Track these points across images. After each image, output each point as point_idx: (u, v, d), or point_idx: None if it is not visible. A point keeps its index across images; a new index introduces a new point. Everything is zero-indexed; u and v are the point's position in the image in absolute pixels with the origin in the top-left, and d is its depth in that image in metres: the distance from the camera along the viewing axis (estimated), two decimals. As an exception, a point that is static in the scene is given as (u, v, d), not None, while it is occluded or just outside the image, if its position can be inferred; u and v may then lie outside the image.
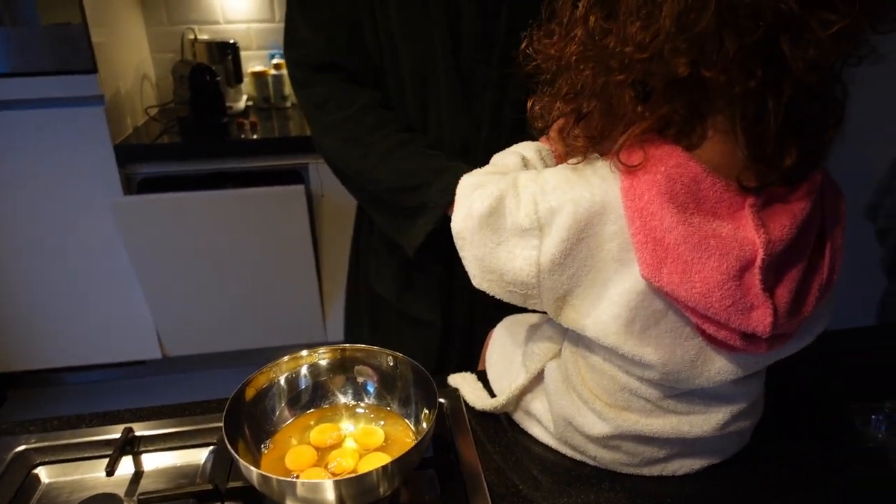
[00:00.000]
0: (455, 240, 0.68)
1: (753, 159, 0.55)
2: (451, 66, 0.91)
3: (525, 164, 0.73)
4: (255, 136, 2.19)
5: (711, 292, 0.56)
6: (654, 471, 0.73)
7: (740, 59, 0.50)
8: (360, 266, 1.16)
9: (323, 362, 0.76)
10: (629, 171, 0.58)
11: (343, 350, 0.77)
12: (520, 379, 0.77)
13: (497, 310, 1.02)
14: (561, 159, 0.77)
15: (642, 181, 0.57)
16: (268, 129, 2.27)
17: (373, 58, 0.94)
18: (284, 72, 2.44)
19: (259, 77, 2.43)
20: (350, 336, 1.26)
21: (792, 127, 0.54)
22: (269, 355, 0.77)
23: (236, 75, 2.36)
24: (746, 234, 0.57)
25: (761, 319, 0.57)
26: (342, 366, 0.76)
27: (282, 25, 1.00)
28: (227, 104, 2.29)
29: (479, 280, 0.67)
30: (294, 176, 2.20)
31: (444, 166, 0.89)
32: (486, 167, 0.73)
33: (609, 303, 0.61)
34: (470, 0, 0.89)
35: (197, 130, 2.19)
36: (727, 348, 0.61)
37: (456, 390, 0.86)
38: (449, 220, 0.87)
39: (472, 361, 1.01)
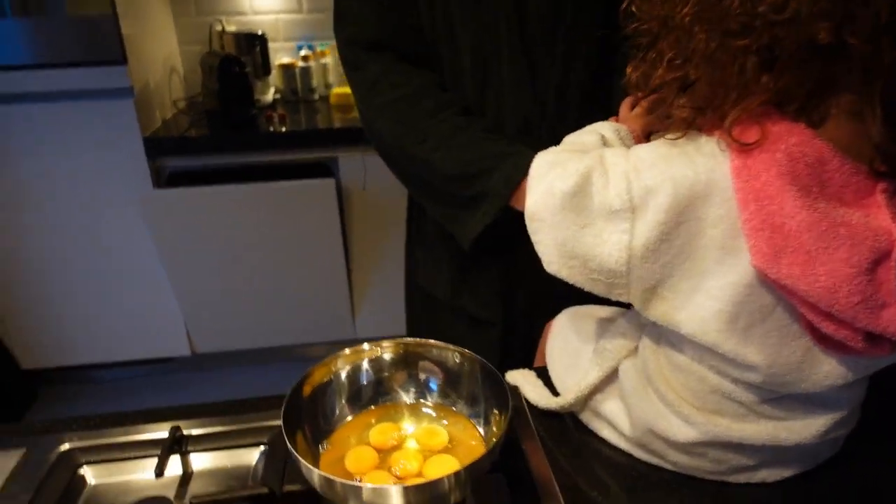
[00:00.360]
0: (529, 222, 0.63)
1: (891, 140, 0.50)
2: (516, 43, 0.86)
3: (605, 143, 0.67)
4: (283, 129, 2.15)
5: (838, 287, 0.50)
6: (741, 478, 0.67)
7: (892, 26, 0.45)
8: (412, 266, 1.12)
9: (385, 357, 0.72)
10: (743, 148, 0.52)
11: (406, 344, 0.72)
12: (590, 377, 0.72)
13: (560, 302, 0.97)
14: (640, 140, 0.72)
15: (759, 160, 0.52)
16: (296, 122, 2.23)
17: (428, 36, 0.90)
18: (312, 63, 2.40)
19: (287, 69, 2.39)
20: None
21: None
22: (298, 353, 0.73)
23: (264, 67, 2.32)
24: (880, 222, 0.51)
25: (894, 319, 0.51)
26: (405, 361, 0.72)
27: (310, 16, 0.97)
28: (256, 97, 2.25)
29: (557, 266, 0.62)
30: (323, 169, 2.16)
31: (506, 152, 0.84)
32: (561, 146, 0.68)
33: (708, 296, 0.56)
34: None
35: (225, 123, 2.15)
36: (841, 350, 0.56)
37: (516, 388, 0.81)
38: (511, 210, 0.84)
39: (533, 359, 0.96)
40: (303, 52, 2.41)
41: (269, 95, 2.38)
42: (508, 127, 0.90)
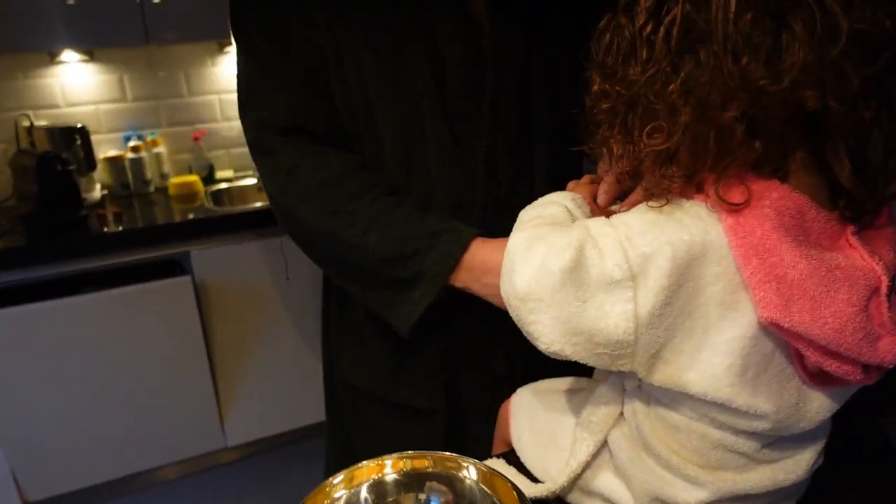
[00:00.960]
0: (521, 303, 0.58)
1: (858, 188, 0.54)
2: (439, 118, 0.83)
3: (569, 214, 0.66)
4: (120, 228, 1.93)
5: (845, 327, 0.51)
6: (745, 529, 0.66)
7: (863, 90, 0.49)
8: (334, 359, 1.01)
9: (387, 478, 0.62)
10: (732, 208, 0.53)
11: (409, 461, 0.63)
12: (580, 454, 0.68)
13: (512, 381, 0.92)
14: (594, 208, 0.71)
15: (750, 217, 0.53)
16: (133, 219, 2.02)
17: (345, 117, 0.84)
18: (144, 154, 2.21)
19: (115, 162, 2.18)
20: (334, 445, 1.08)
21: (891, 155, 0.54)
22: (162, 476, 0.61)
23: (88, 162, 2.09)
24: (861, 262, 0.54)
25: (889, 349, 0.53)
26: (408, 482, 0.62)
27: (135, 105, 0.88)
28: (81, 195, 2.01)
29: (560, 345, 0.58)
30: (174, 267, 1.96)
31: (442, 229, 0.80)
32: (529, 221, 0.65)
33: (715, 352, 0.55)
34: (453, 43, 0.82)
35: (50, 228, 1.88)
36: (829, 384, 0.57)
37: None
38: (449, 289, 0.79)
39: (489, 446, 0.90)
40: (131, 143, 2.21)
41: (96, 192, 2.14)
42: (439, 205, 0.86)
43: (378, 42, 0.81)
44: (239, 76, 0.86)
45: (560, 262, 0.55)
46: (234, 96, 0.89)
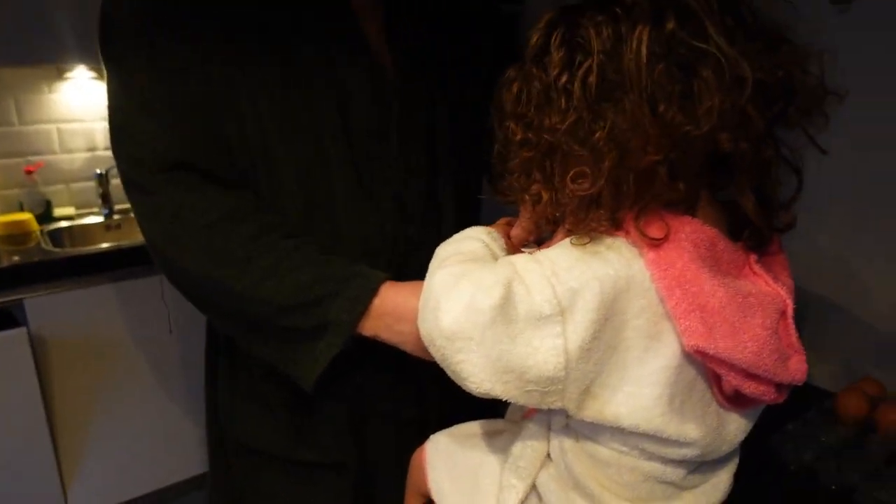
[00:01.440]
0: (448, 343, 0.56)
1: (762, 220, 0.58)
2: (346, 159, 0.78)
3: (488, 251, 0.64)
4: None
5: (762, 349, 0.54)
6: (670, 558, 0.67)
7: (765, 132, 0.54)
8: (223, 420, 0.90)
9: None
10: (653, 243, 0.55)
11: None
12: (509, 502, 0.65)
13: (423, 426, 0.88)
14: (510, 244, 0.70)
15: (669, 251, 0.55)
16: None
17: (237, 152, 0.77)
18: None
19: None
20: None
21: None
22: None
23: None
24: (768, 287, 0.58)
25: (798, 367, 0.57)
26: None
27: None
28: None
29: (490, 384, 0.56)
30: (5, 318, 1.71)
31: (348, 274, 0.74)
32: (448, 257, 0.63)
33: (643, 384, 0.55)
34: (357, 84, 0.78)
35: None
36: (742, 405, 0.60)
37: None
38: (355, 338, 0.74)
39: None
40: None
41: None
42: (346, 247, 0.80)
43: (278, 82, 0.75)
44: (111, 108, 0.76)
45: (489, 300, 0.54)
46: (76, 125, 0.79)
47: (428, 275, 0.62)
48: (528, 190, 0.60)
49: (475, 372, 0.56)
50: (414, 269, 0.83)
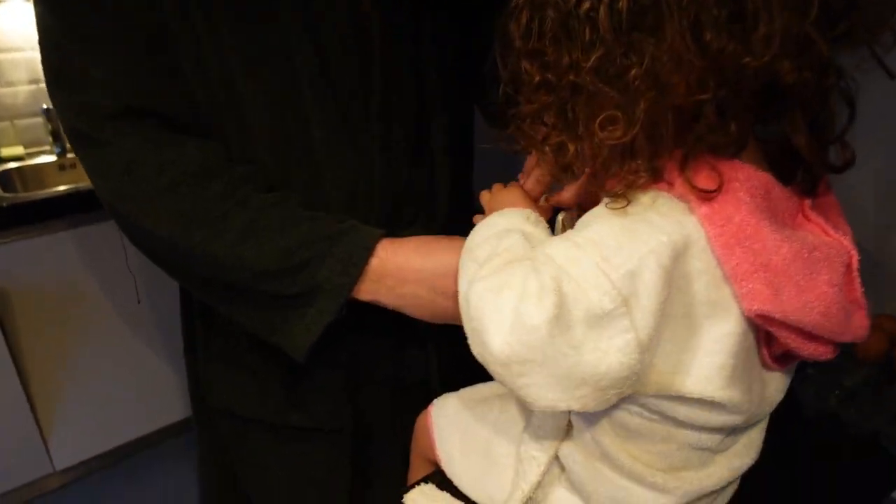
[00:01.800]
0: (506, 368, 0.48)
1: (817, 158, 0.50)
2: (324, 97, 0.67)
3: (529, 243, 0.56)
4: None
5: (829, 310, 0.48)
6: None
7: (827, 59, 0.46)
8: (205, 387, 0.83)
9: None
10: (704, 195, 0.47)
11: None
12: (530, 475, 0.60)
13: (427, 388, 0.82)
14: (547, 212, 0.63)
15: (723, 203, 0.47)
16: None
17: (200, 99, 0.66)
18: None
19: None
20: (213, 486, 0.90)
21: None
22: None
23: None
24: (829, 237, 0.51)
25: (861, 324, 0.51)
26: None
27: None
28: None
29: (564, 404, 0.49)
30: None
31: (338, 230, 0.65)
32: (486, 260, 0.54)
33: (706, 352, 0.49)
34: (332, 10, 0.66)
35: None
36: (782, 364, 0.55)
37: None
38: (351, 302, 0.66)
39: (403, 471, 0.79)
40: None
41: None
42: (330, 198, 0.71)
43: (242, 10, 0.63)
44: (45, 44, 0.64)
45: (540, 314, 0.46)
46: (16, 55, 0.66)
47: (465, 280, 0.54)
48: (548, 140, 0.51)
49: (543, 394, 0.49)
50: (406, 220, 0.75)
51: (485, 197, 0.67)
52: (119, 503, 1.97)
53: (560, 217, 0.67)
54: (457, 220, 0.75)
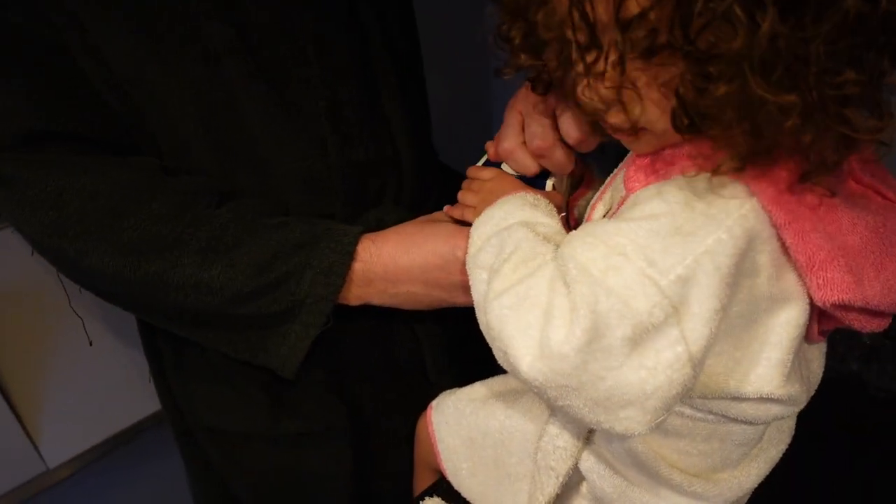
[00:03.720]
0: (541, 390, 0.43)
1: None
2: (253, 77, 0.58)
3: (538, 234, 0.49)
4: None
5: None
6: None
7: None
8: (182, 405, 0.76)
9: None
10: (759, 174, 0.40)
11: None
12: (547, 488, 0.54)
13: (423, 377, 0.76)
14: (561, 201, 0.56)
15: (788, 181, 0.40)
16: None
17: (111, 99, 0.56)
18: None
19: None
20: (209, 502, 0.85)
21: None
22: None
23: None
24: (885, 200, 0.44)
25: None
26: None
27: None
28: None
29: (608, 424, 0.43)
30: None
31: (311, 237, 0.58)
32: (503, 268, 0.47)
33: (765, 349, 0.45)
34: None
35: None
36: (825, 334, 0.50)
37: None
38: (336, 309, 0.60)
39: (410, 468, 0.74)
40: None
41: None
42: (283, 189, 0.63)
43: None
44: None
45: (571, 340, 0.39)
46: None
47: (477, 293, 0.49)
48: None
49: (585, 414, 0.43)
50: (373, 194, 0.67)
51: (468, 197, 0.60)
52: (120, 492, 1.94)
53: (550, 182, 0.60)
54: (425, 187, 0.69)
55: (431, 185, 0.69)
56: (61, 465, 1.85)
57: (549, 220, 0.51)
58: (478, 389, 0.64)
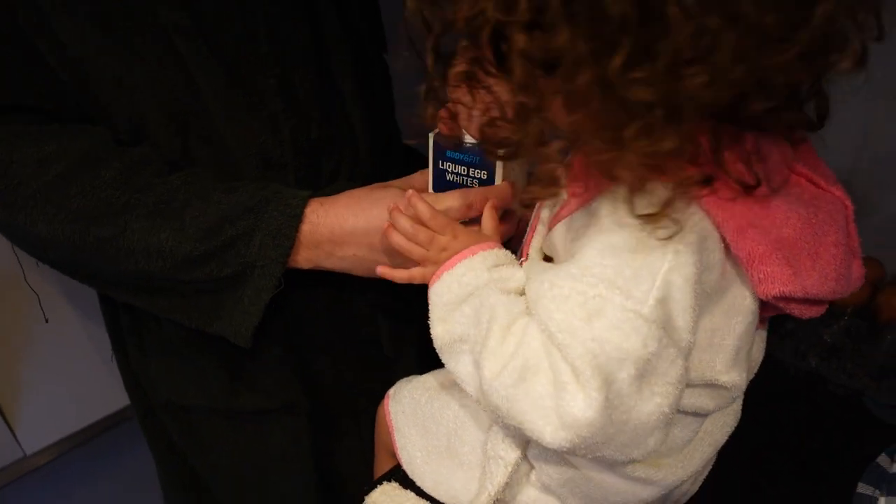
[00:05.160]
0: (573, 452, 0.44)
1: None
2: (205, 56, 0.58)
3: (509, 291, 0.50)
4: None
5: (839, 270, 0.44)
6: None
7: None
8: (142, 383, 0.76)
9: None
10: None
11: None
12: (496, 476, 0.54)
13: (381, 350, 0.76)
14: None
15: (723, 180, 0.41)
16: None
17: (67, 81, 0.57)
18: None
19: None
20: (172, 480, 0.84)
21: None
22: None
23: None
24: (819, 189, 0.45)
25: (858, 273, 0.48)
26: None
27: None
28: None
29: (637, 454, 0.45)
30: None
31: (259, 199, 0.59)
32: (470, 340, 0.48)
33: (725, 336, 0.46)
34: None
35: None
36: (765, 321, 0.51)
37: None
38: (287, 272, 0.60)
39: (370, 447, 0.74)
40: None
41: None
42: (240, 168, 0.64)
43: None
44: None
45: (591, 404, 0.40)
46: None
47: (463, 372, 0.50)
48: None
49: (617, 457, 0.44)
50: (328, 175, 0.68)
51: (418, 233, 0.56)
52: (95, 480, 1.93)
53: (500, 171, 0.58)
54: (383, 167, 0.69)
55: (391, 166, 0.70)
56: (38, 451, 1.85)
57: (514, 271, 0.51)
58: (433, 378, 0.65)
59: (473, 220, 0.59)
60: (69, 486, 1.90)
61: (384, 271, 0.58)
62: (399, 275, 0.57)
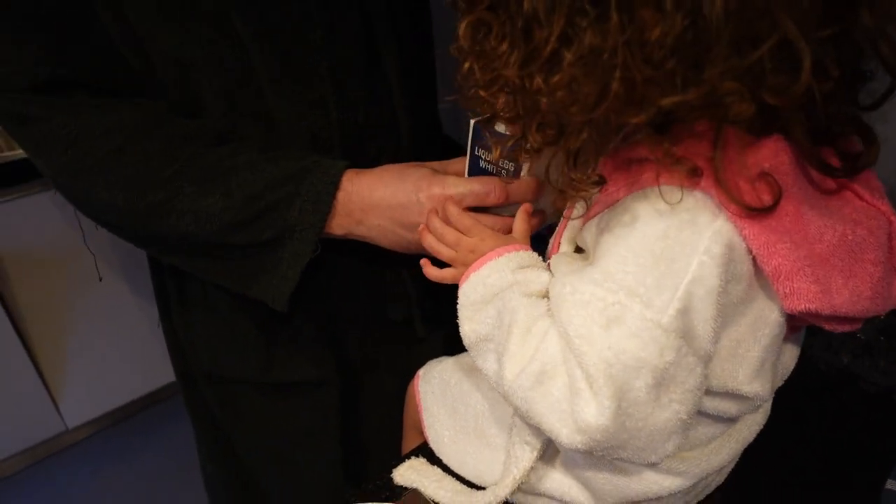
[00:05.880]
0: (592, 454, 0.45)
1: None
2: (262, 37, 0.61)
3: (532, 294, 0.50)
4: None
5: (877, 292, 0.43)
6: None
7: None
8: (187, 352, 0.80)
9: None
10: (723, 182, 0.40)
11: None
12: (522, 461, 0.55)
13: (413, 330, 0.77)
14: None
15: (755, 187, 0.40)
16: None
17: (129, 57, 0.60)
18: None
19: None
20: (209, 451, 0.88)
21: None
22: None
23: None
24: (863, 202, 0.44)
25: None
26: None
27: None
28: None
29: (656, 458, 0.45)
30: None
31: (300, 168, 0.62)
32: (492, 339, 0.50)
33: (749, 348, 0.46)
34: None
35: None
36: (794, 331, 0.51)
37: (412, 493, 0.62)
38: (325, 239, 0.63)
39: (395, 424, 0.76)
40: None
41: None
42: (289, 146, 0.67)
43: None
44: None
45: (602, 412, 0.41)
46: None
47: (490, 371, 0.51)
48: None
49: (635, 460, 0.45)
50: (370, 161, 0.70)
51: (444, 233, 0.58)
52: (132, 457, 2.00)
53: (525, 167, 0.59)
54: (424, 155, 0.71)
55: (431, 155, 0.72)
56: (79, 426, 1.93)
57: (539, 273, 0.51)
58: (463, 361, 0.66)
59: (498, 211, 0.60)
60: (108, 461, 1.97)
61: (425, 268, 0.60)
62: (434, 273, 0.59)
